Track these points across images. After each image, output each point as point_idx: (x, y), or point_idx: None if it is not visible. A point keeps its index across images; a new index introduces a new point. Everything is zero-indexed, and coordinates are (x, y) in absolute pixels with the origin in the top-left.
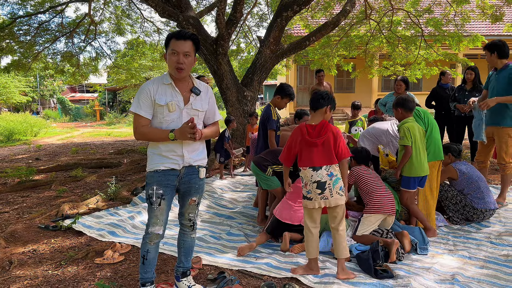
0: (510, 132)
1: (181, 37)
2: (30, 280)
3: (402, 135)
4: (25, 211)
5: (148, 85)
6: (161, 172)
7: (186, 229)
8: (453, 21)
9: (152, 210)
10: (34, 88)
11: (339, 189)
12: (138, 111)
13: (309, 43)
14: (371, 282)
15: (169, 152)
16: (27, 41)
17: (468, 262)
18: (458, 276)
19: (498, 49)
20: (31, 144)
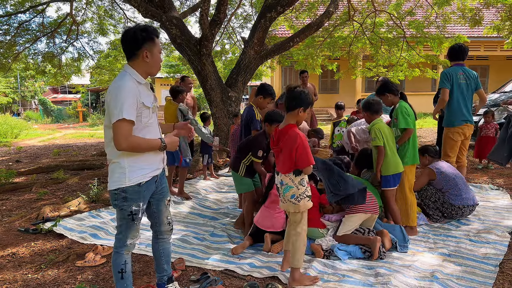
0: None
1: (158, 36)
2: (9, 284)
3: (374, 136)
4: (4, 214)
5: (131, 86)
6: (145, 184)
7: (166, 235)
8: (435, 23)
9: (132, 225)
10: (15, 89)
11: (290, 197)
12: (131, 117)
13: (293, 44)
14: (354, 280)
15: (153, 159)
16: (7, 41)
17: (448, 259)
18: (437, 273)
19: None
20: (11, 146)
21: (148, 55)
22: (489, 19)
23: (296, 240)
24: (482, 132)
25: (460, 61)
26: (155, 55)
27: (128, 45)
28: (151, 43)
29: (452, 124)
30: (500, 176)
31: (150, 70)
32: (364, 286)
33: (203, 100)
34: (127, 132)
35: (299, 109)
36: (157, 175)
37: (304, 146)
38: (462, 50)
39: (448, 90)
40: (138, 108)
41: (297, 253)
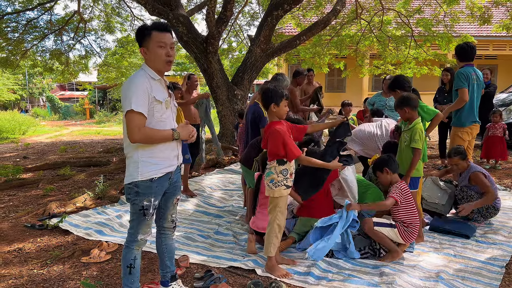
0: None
1: (164, 29)
2: (15, 279)
3: (417, 138)
4: (12, 210)
5: (142, 80)
6: (158, 180)
7: (168, 231)
8: (443, 22)
9: (144, 221)
10: (23, 86)
11: (270, 181)
12: (139, 108)
13: (300, 42)
14: (358, 280)
15: (167, 154)
16: (15, 38)
17: (453, 260)
18: (442, 274)
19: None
20: (19, 143)
21: (145, 51)
22: (498, 18)
23: (269, 230)
24: (489, 132)
25: (470, 61)
26: (152, 49)
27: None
28: (147, 39)
29: (463, 124)
30: (508, 177)
31: (154, 65)
32: (369, 285)
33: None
34: (139, 123)
35: (272, 105)
36: (171, 172)
37: (287, 141)
38: (472, 49)
39: (467, 90)
40: (150, 103)
41: (268, 243)
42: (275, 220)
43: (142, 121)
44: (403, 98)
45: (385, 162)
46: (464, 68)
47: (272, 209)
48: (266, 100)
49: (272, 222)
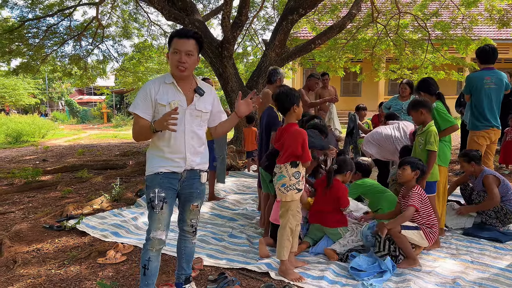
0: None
1: (183, 36)
2: (33, 279)
3: (432, 140)
4: (31, 211)
5: (148, 85)
6: (163, 175)
7: (188, 235)
8: (461, 25)
9: (153, 214)
10: (43, 90)
11: (281, 186)
12: (135, 110)
13: (315, 46)
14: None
15: (172, 154)
16: (36, 44)
17: (470, 266)
18: (459, 280)
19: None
20: (38, 146)
21: (168, 56)
22: None
23: (281, 234)
24: (507, 137)
25: (491, 64)
26: (170, 55)
27: None
28: (170, 45)
29: (476, 128)
30: None
31: (172, 71)
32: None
33: (223, 102)
34: (134, 123)
35: (294, 107)
36: (180, 173)
37: (306, 143)
38: (494, 52)
39: (469, 96)
40: (155, 105)
41: (280, 247)
42: (287, 223)
43: (139, 121)
44: (418, 100)
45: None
46: (478, 72)
47: (284, 213)
48: (287, 103)
49: (285, 225)
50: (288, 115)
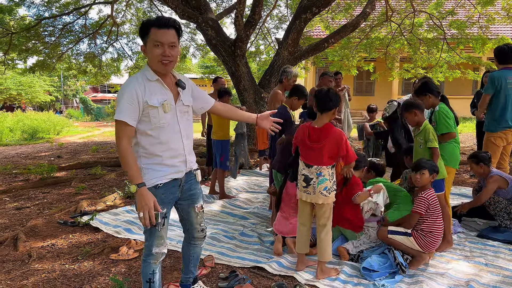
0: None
1: (163, 25)
2: (47, 273)
3: (431, 137)
4: (46, 206)
5: (132, 86)
6: (163, 187)
7: (198, 241)
8: (478, 23)
9: (155, 232)
10: (58, 88)
11: (323, 189)
12: (123, 117)
13: (328, 45)
14: (386, 281)
15: (173, 158)
16: (52, 42)
17: (484, 269)
18: (472, 283)
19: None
20: (53, 142)
21: (144, 49)
22: None
23: (325, 234)
24: None
25: (510, 64)
26: (149, 48)
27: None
28: (146, 36)
29: (495, 129)
30: None
31: (151, 65)
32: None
33: (236, 101)
34: (117, 134)
35: (335, 109)
36: (180, 179)
37: (348, 143)
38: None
39: (489, 96)
40: (144, 108)
41: (327, 246)
42: (329, 223)
43: (124, 129)
44: (411, 102)
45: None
46: (499, 71)
47: (326, 215)
48: (332, 103)
49: (329, 228)
50: (325, 115)
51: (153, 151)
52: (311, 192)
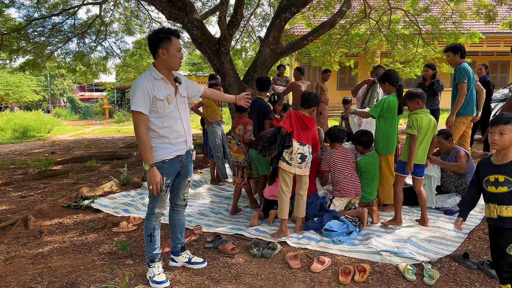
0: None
1: (179, 36)
2: (59, 244)
3: (409, 124)
4: (48, 194)
5: (143, 83)
6: (169, 162)
7: (180, 208)
8: (451, 19)
9: (159, 196)
10: (45, 87)
11: (309, 165)
12: (139, 108)
13: (307, 42)
14: (342, 242)
15: (176, 139)
16: (41, 42)
17: (425, 228)
18: (412, 238)
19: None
20: (45, 140)
21: (164, 52)
22: (503, 15)
23: (304, 197)
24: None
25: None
26: (171, 52)
27: (150, 46)
28: (168, 42)
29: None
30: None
31: (169, 65)
32: (349, 245)
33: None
34: (135, 123)
35: (315, 108)
36: (182, 155)
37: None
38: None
39: (466, 84)
40: (152, 101)
41: (304, 206)
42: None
43: (141, 118)
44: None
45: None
46: (465, 64)
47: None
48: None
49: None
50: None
51: (162, 133)
52: (304, 167)
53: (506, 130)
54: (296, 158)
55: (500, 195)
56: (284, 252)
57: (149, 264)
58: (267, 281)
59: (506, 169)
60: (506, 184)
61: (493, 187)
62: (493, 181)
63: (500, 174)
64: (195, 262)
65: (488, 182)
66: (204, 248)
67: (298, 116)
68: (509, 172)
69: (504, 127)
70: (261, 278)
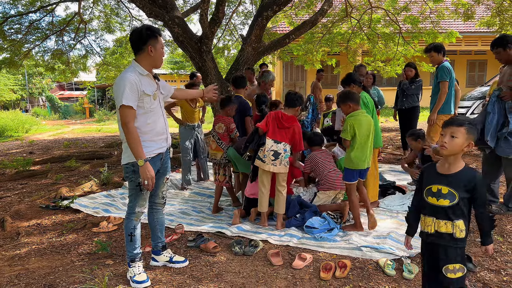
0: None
1: (160, 34)
2: (37, 245)
3: (344, 128)
4: (26, 195)
5: (131, 78)
6: (151, 160)
7: (159, 206)
8: (429, 18)
9: (140, 195)
10: (23, 86)
11: (286, 162)
12: (129, 102)
13: (289, 41)
14: (324, 238)
15: (158, 135)
16: (18, 40)
17: (404, 224)
18: (392, 234)
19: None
20: (23, 140)
21: (152, 49)
22: (480, 15)
23: (283, 194)
24: None
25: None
26: (158, 50)
27: (136, 42)
28: (155, 40)
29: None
30: (475, 161)
31: (154, 63)
32: (331, 241)
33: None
34: (126, 118)
35: (299, 107)
36: (162, 153)
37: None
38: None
39: (448, 83)
40: (140, 96)
41: (283, 203)
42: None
43: (130, 113)
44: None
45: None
46: (447, 62)
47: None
48: (299, 102)
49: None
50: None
51: (144, 130)
52: (278, 164)
53: (458, 133)
54: (269, 155)
55: (440, 208)
56: (266, 249)
57: (129, 264)
58: (249, 278)
59: (452, 181)
60: (448, 197)
61: (434, 198)
62: (435, 192)
63: (444, 185)
64: (176, 261)
65: (429, 192)
66: (185, 247)
67: (276, 115)
68: (455, 184)
69: (456, 130)
70: (243, 276)
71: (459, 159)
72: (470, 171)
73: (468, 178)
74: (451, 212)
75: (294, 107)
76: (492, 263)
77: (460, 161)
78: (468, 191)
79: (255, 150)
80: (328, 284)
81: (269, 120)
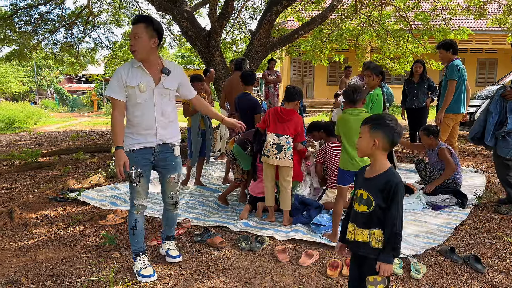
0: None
1: (133, 23)
2: (45, 236)
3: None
4: (34, 186)
5: (119, 70)
6: (137, 152)
7: (169, 207)
8: (441, 15)
9: (133, 187)
10: (32, 78)
11: (290, 155)
12: (111, 94)
13: (298, 37)
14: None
15: (145, 130)
16: (28, 32)
17: (413, 223)
18: None
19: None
20: (32, 132)
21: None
22: (492, 13)
23: (288, 189)
24: None
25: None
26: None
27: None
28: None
29: (452, 111)
30: (484, 161)
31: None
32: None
33: (211, 90)
34: (112, 107)
35: (298, 101)
36: (152, 148)
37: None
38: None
39: (456, 82)
40: (126, 87)
41: (289, 198)
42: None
43: (114, 103)
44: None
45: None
46: (458, 61)
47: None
48: (298, 97)
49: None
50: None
51: (132, 122)
52: (282, 157)
53: (362, 132)
54: (272, 149)
55: (359, 214)
56: (273, 245)
57: (134, 258)
58: (255, 274)
59: (371, 185)
60: (366, 202)
61: (357, 203)
62: (358, 197)
63: (364, 189)
64: (170, 255)
65: (355, 196)
66: (192, 241)
67: (275, 110)
68: (374, 189)
69: (361, 129)
70: (249, 272)
71: (381, 161)
72: (388, 174)
73: (384, 181)
74: (368, 220)
75: (293, 101)
76: (501, 265)
77: (382, 163)
78: (384, 199)
79: (260, 147)
80: (335, 282)
81: (268, 117)
